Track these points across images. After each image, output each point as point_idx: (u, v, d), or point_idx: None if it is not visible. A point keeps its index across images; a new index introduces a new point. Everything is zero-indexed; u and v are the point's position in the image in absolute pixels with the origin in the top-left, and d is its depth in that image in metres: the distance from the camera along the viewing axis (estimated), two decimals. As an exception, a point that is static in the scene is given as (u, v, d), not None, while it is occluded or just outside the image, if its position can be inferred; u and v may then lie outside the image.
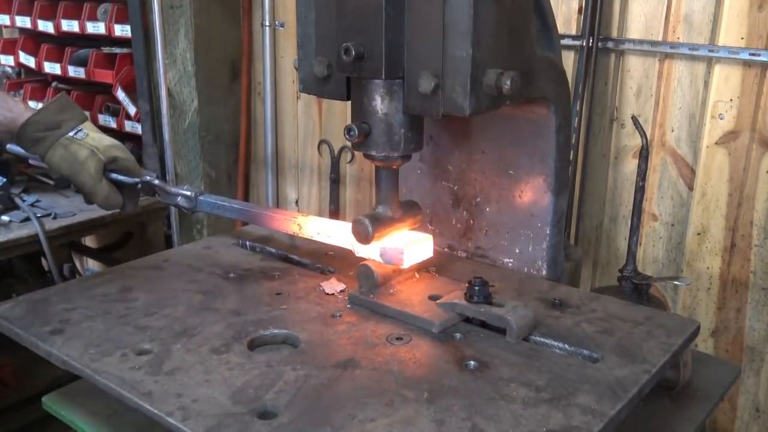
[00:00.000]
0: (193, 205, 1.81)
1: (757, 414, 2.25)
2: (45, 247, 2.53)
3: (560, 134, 1.61)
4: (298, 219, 1.71)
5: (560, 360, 1.30)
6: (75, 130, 1.71)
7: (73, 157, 1.68)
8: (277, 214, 1.78)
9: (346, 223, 1.66)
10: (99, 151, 1.70)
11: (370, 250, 1.54)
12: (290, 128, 3.18)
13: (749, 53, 2.00)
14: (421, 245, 1.56)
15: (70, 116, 1.72)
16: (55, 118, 1.70)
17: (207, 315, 1.46)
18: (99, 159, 1.70)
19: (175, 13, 2.98)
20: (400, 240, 1.53)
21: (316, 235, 1.68)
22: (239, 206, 1.84)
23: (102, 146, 1.72)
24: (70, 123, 1.71)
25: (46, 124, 1.69)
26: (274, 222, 1.77)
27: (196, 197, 1.81)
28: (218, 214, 1.85)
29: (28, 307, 1.49)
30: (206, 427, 1.09)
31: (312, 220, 1.70)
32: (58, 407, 1.53)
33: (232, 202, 1.86)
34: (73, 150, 1.68)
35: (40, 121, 1.68)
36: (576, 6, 2.30)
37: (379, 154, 1.40)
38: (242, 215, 1.84)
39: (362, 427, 1.09)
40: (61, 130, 1.69)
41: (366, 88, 1.35)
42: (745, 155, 2.09)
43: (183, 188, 1.81)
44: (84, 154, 1.68)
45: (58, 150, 1.68)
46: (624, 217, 2.36)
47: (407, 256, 1.52)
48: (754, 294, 2.16)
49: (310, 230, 1.69)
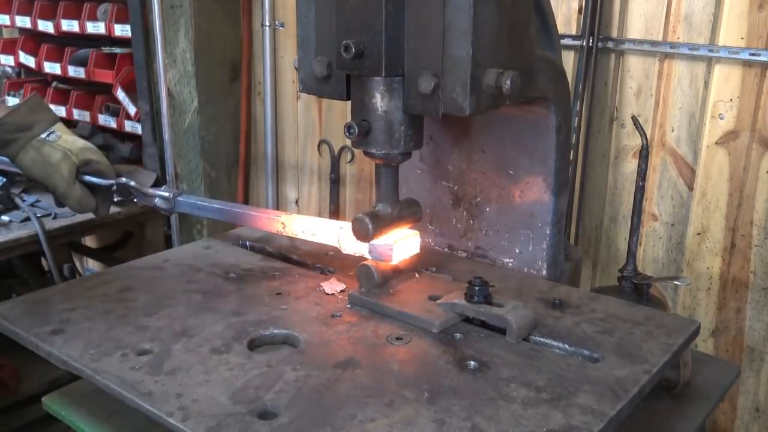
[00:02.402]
0: (171, 206, 1.78)
1: (757, 414, 2.25)
2: (45, 247, 2.53)
3: (560, 134, 1.61)
4: (282, 218, 1.70)
5: (560, 360, 1.30)
6: (47, 132, 1.68)
7: (45, 160, 1.65)
8: (260, 213, 1.75)
9: (331, 221, 1.66)
10: (72, 154, 1.67)
11: (358, 246, 1.54)
12: (290, 128, 3.18)
13: (749, 53, 2.00)
14: (409, 241, 1.56)
15: (42, 117, 1.69)
16: (26, 119, 1.66)
17: (207, 315, 1.46)
18: (72, 161, 1.67)
19: (175, 13, 2.98)
20: (389, 236, 1.53)
21: (301, 233, 1.67)
22: (219, 206, 1.80)
23: (75, 148, 1.69)
24: (41, 124, 1.68)
25: (17, 126, 1.65)
26: (257, 221, 1.74)
27: (174, 198, 1.78)
28: (198, 215, 1.81)
29: (28, 307, 1.49)
30: (206, 427, 1.09)
31: (296, 219, 1.69)
32: (58, 407, 1.53)
33: (213, 202, 1.83)
34: (46, 152, 1.65)
35: (10, 122, 1.65)
36: (576, 6, 2.30)
37: (379, 151, 1.40)
38: (223, 215, 1.80)
39: (362, 427, 1.09)
40: (32, 131, 1.66)
41: (366, 85, 1.35)
42: (745, 155, 2.09)
43: (160, 189, 1.78)
44: (57, 156, 1.65)
45: (30, 152, 1.65)
46: (624, 217, 2.36)
47: (396, 252, 1.52)
48: (754, 294, 2.16)
49: (295, 228, 1.68)
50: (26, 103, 1.70)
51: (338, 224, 1.62)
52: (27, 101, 1.71)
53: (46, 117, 1.70)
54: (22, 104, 1.69)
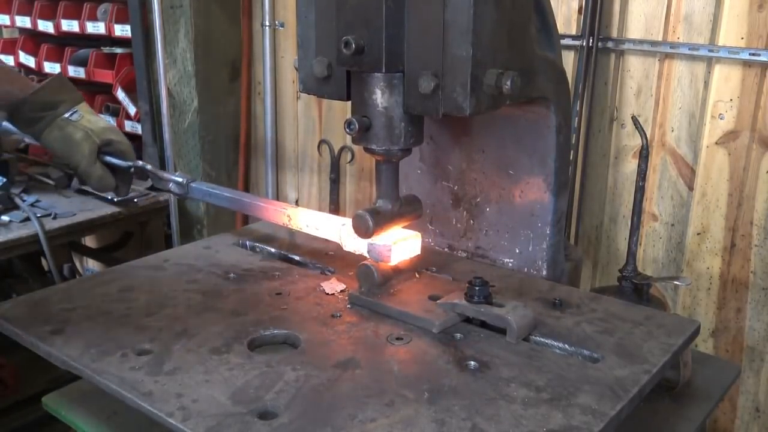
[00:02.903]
0: (184, 191, 1.82)
1: (757, 414, 2.25)
2: (45, 247, 2.53)
3: (560, 134, 1.61)
4: (288, 210, 1.70)
5: (560, 360, 1.30)
6: (71, 112, 1.71)
7: (68, 139, 1.68)
8: (268, 204, 1.77)
9: (336, 217, 1.66)
10: (94, 134, 1.71)
11: (359, 244, 1.54)
12: (290, 128, 3.18)
13: (749, 53, 2.00)
14: (409, 242, 1.55)
15: (66, 97, 1.72)
16: (51, 98, 1.69)
17: (207, 315, 1.46)
18: (93, 141, 1.70)
19: (175, 13, 2.98)
20: (389, 237, 1.53)
21: (305, 228, 1.68)
22: (230, 194, 1.83)
23: (97, 128, 1.72)
24: (66, 104, 1.71)
25: (43, 105, 1.68)
26: (265, 212, 1.76)
27: (188, 184, 1.81)
28: (209, 202, 1.86)
29: (28, 307, 1.49)
30: (206, 427, 1.09)
31: (302, 212, 1.69)
32: (58, 407, 1.53)
33: (224, 190, 1.85)
34: (69, 132, 1.69)
35: (36, 101, 1.68)
36: (576, 6, 2.30)
37: (380, 147, 1.40)
38: (233, 204, 1.83)
39: (362, 427, 1.09)
40: (57, 110, 1.69)
41: (366, 81, 1.35)
42: (745, 155, 2.09)
43: (175, 174, 1.83)
44: (79, 135, 1.69)
45: (54, 131, 1.69)
46: (624, 217, 2.36)
47: (395, 252, 1.51)
48: (754, 294, 2.16)
49: (300, 222, 1.68)
50: (51, 81, 1.73)
51: (342, 221, 1.62)
52: (52, 80, 1.73)
53: (70, 96, 1.73)
54: (47, 83, 1.72)
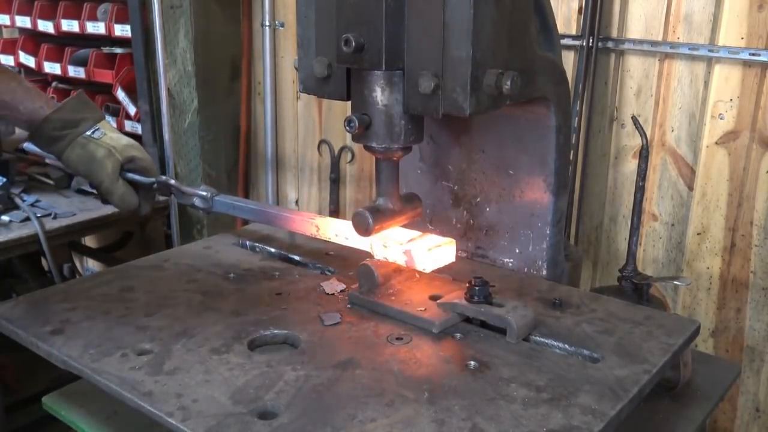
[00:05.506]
0: (208, 205, 1.80)
1: (757, 414, 2.25)
2: (45, 247, 2.53)
3: (560, 134, 1.61)
4: (317, 220, 1.68)
5: (560, 360, 1.30)
6: (92, 129, 1.70)
7: (90, 157, 1.68)
8: (294, 215, 1.75)
9: None
10: (116, 151, 1.70)
11: (394, 252, 1.53)
12: (290, 128, 3.18)
13: (749, 53, 2.00)
14: (445, 249, 1.54)
15: (88, 115, 1.71)
16: (73, 116, 1.69)
17: (207, 315, 1.46)
18: (116, 159, 1.70)
19: (175, 13, 2.98)
20: (425, 243, 1.51)
21: (335, 237, 1.65)
22: (255, 207, 1.82)
23: (119, 146, 1.71)
24: (87, 122, 1.70)
25: (64, 123, 1.68)
26: (292, 223, 1.74)
27: (212, 198, 1.79)
28: (234, 215, 1.85)
29: (28, 307, 1.50)
30: (206, 427, 1.09)
31: (330, 222, 1.67)
32: (58, 407, 1.53)
33: (248, 202, 1.85)
34: (91, 149, 1.68)
35: (57, 120, 1.68)
36: (576, 6, 2.30)
37: (380, 145, 1.39)
38: (258, 216, 1.81)
39: (362, 427, 1.09)
40: (78, 128, 1.69)
41: (366, 79, 1.35)
42: (745, 155, 2.09)
43: (199, 189, 1.80)
44: (101, 153, 1.68)
45: (76, 149, 1.68)
46: (624, 217, 2.36)
47: (432, 260, 1.50)
48: (754, 294, 2.16)
49: (329, 231, 1.66)
50: (72, 100, 1.72)
51: None
52: (73, 99, 1.73)
53: (92, 114, 1.73)
54: (68, 101, 1.72)
